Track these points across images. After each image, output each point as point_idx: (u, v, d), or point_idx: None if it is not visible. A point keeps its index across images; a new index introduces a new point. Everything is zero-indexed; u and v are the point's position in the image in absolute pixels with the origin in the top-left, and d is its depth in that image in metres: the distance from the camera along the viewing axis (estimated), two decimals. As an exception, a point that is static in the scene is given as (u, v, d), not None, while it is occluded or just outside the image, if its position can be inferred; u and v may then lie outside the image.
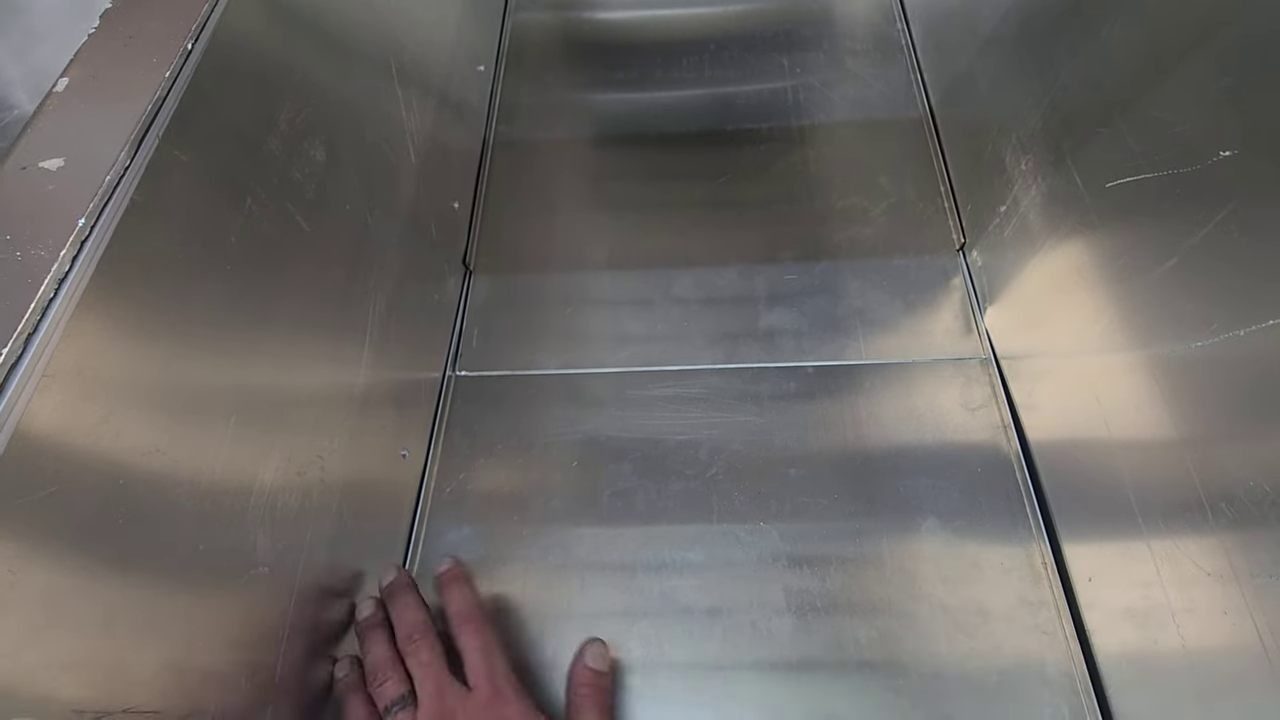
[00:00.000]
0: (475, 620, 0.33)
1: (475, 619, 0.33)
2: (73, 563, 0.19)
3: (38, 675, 0.18)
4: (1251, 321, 0.25)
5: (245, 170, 0.25)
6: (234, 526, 0.25)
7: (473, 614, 0.33)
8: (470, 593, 0.34)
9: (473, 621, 0.33)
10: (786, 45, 0.59)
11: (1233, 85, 0.26)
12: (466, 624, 0.33)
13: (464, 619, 0.33)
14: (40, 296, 0.17)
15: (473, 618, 0.33)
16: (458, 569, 0.36)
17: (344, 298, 0.33)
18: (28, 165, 0.19)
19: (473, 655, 0.31)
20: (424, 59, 0.45)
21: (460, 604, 0.33)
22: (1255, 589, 0.25)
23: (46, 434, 0.18)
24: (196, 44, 0.21)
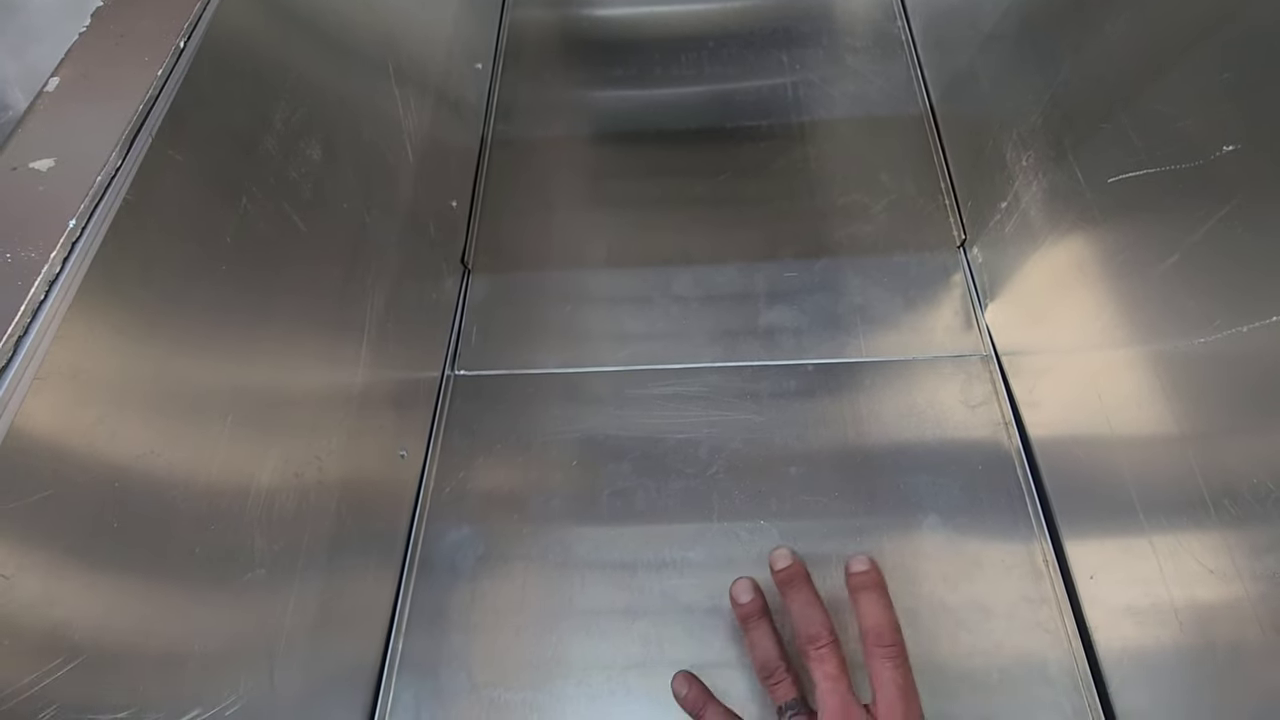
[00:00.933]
0: (896, 646, 0.29)
1: (896, 645, 0.29)
2: (69, 566, 0.19)
3: (35, 677, 0.18)
4: (1254, 318, 0.25)
5: (240, 169, 0.25)
6: (231, 528, 0.25)
7: (894, 638, 0.30)
8: (889, 609, 0.31)
9: (895, 647, 0.29)
10: (786, 41, 0.59)
11: (1235, 80, 0.25)
12: (886, 649, 0.29)
13: (882, 641, 0.30)
14: (31, 298, 0.17)
15: (895, 643, 0.30)
16: (874, 573, 0.31)
17: (341, 297, 0.33)
18: (18, 166, 0.19)
19: (890, 688, 0.28)
20: (421, 57, 0.45)
21: (877, 622, 0.30)
22: (1257, 586, 0.25)
23: (40, 437, 0.18)
24: (189, 42, 0.21)
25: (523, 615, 0.38)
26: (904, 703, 0.28)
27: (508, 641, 0.37)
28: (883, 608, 0.31)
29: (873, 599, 0.31)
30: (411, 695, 0.36)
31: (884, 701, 0.28)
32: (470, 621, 0.38)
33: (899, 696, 0.28)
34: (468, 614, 0.38)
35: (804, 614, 0.31)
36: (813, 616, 0.30)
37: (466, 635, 0.38)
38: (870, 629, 0.30)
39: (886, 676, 0.29)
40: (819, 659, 0.29)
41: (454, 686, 0.36)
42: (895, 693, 0.28)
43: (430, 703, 0.36)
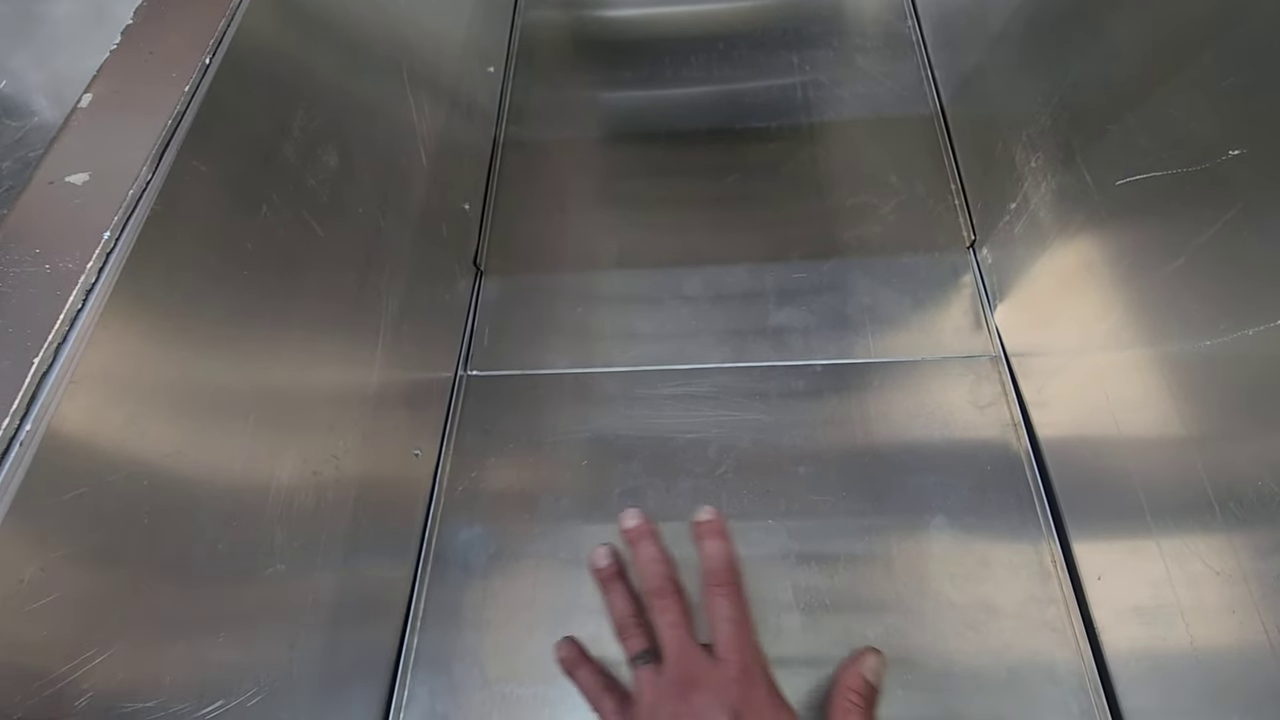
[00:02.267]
0: (732, 585, 0.30)
1: (732, 584, 0.31)
2: (100, 561, 0.20)
3: (65, 671, 0.19)
4: (1260, 321, 0.25)
5: (261, 178, 0.26)
6: (252, 525, 0.26)
7: (730, 577, 0.31)
8: (729, 552, 0.32)
9: (730, 586, 0.30)
10: (796, 42, 0.59)
11: (1243, 83, 0.26)
12: (721, 587, 0.30)
13: (717, 580, 0.31)
14: (69, 307, 0.18)
15: (730, 581, 0.31)
16: (719, 522, 0.33)
17: (357, 300, 0.34)
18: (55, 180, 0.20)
19: (724, 625, 0.29)
20: (434, 61, 0.45)
21: (716, 562, 0.31)
22: (1263, 588, 0.25)
23: (75, 437, 0.19)
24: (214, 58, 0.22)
25: (534, 612, 0.38)
26: (738, 637, 0.29)
27: (520, 637, 0.38)
28: (719, 550, 0.31)
29: (711, 544, 0.32)
30: (426, 690, 0.37)
31: (719, 637, 0.29)
32: (483, 618, 0.39)
33: (733, 631, 0.29)
34: (481, 610, 0.39)
35: (647, 569, 0.32)
36: (655, 570, 0.31)
37: (479, 631, 0.38)
38: (706, 571, 0.31)
39: (721, 613, 0.30)
40: (661, 609, 0.30)
41: (467, 681, 0.37)
42: (729, 628, 0.29)
43: (444, 697, 0.37)
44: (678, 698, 0.28)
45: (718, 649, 0.29)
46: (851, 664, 0.32)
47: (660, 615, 0.30)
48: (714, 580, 0.31)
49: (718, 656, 0.29)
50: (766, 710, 0.28)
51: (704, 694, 0.27)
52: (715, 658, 0.29)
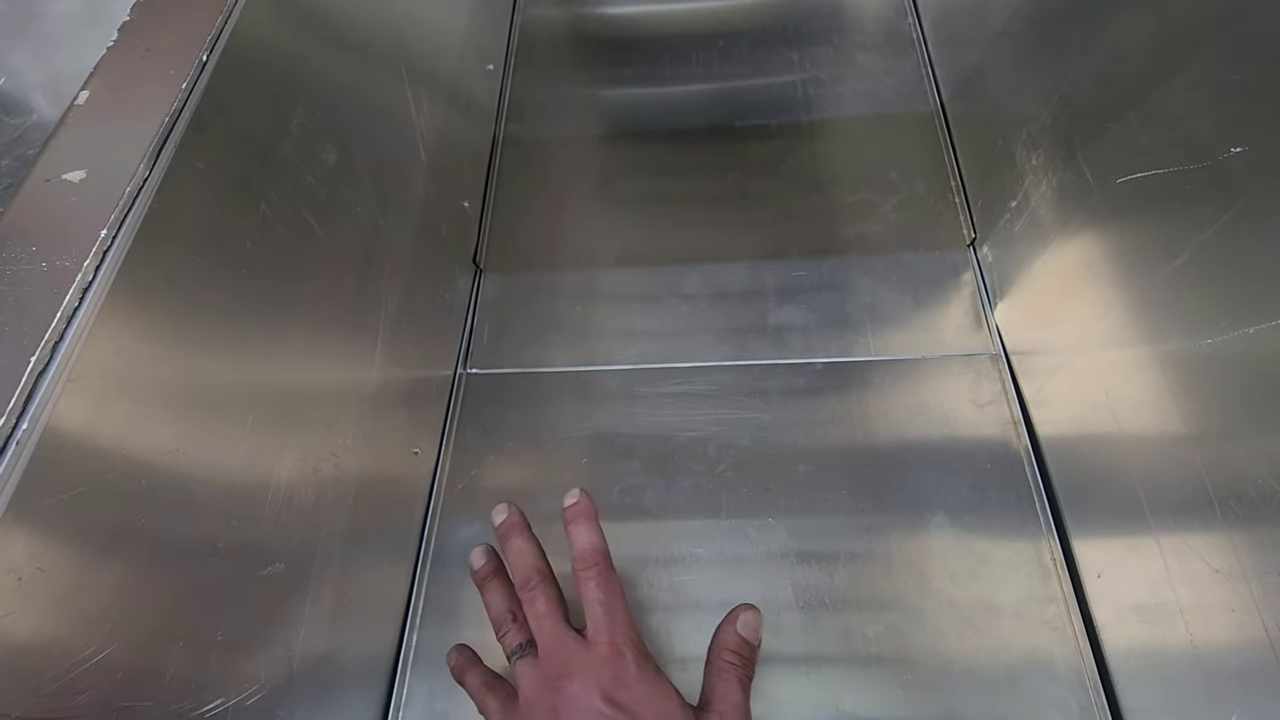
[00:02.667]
0: (600, 567, 0.30)
1: (600, 565, 0.30)
2: (99, 560, 0.20)
3: (65, 667, 0.19)
4: (1261, 319, 0.25)
5: (259, 176, 0.26)
6: (252, 523, 0.26)
7: (597, 559, 0.30)
8: (596, 534, 0.31)
9: (597, 568, 0.30)
10: (796, 40, 0.59)
11: (1244, 81, 0.25)
12: (590, 569, 0.30)
13: (588, 564, 0.30)
14: (66, 305, 0.18)
15: (597, 563, 0.30)
16: (585, 505, 0.32)
17: (356, 298, 0.34)
18: (51, 178, 0.19)
19: (594, 608, 0.29)
20: (433, 58, 0.45)
21: (583, 546, 0.31)
22: (1263, 586, 0.25)
23: (73, 436, 0.19)
24: (211, 55, 0.22)
25: (534, 610, 0.38)
26: (608, 617, 0.29)
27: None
28: (587, 533, 0.31)
29: (579, 527, 0.31)
30: (426, 688, 0.37)
31: (590, 619, 0.29)
32: (483, 616, 0.38)
33: (603, 613, 0.29)
34: (480, 609, 0.39)
35: (517, 562, 0.31)
36: (523, 563, 0.31)
37: (479, 629, 0.38)
38: (576, 554, 0.31)
39: (590, 596, 0.29)
40: (530, 600, 0.30)
41: (467, 679, 0.37)
42: (599, 609, 0.29)
43: (444, 695, 0.37)
44: (552, 690, 0.28)
45: (589, 631, 0.29)
46: (727, 622, 0.31)
47: (530, 606, 0.30)
48: (582, 564, 0.30)
49: (590, 639, 0.29)
50: (638, 686, 0.27)
51: (576, 680, 0.27)
52: (587, 641, 0.29)
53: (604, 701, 0.26)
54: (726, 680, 0.29)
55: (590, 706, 0.26)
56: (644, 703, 0.27)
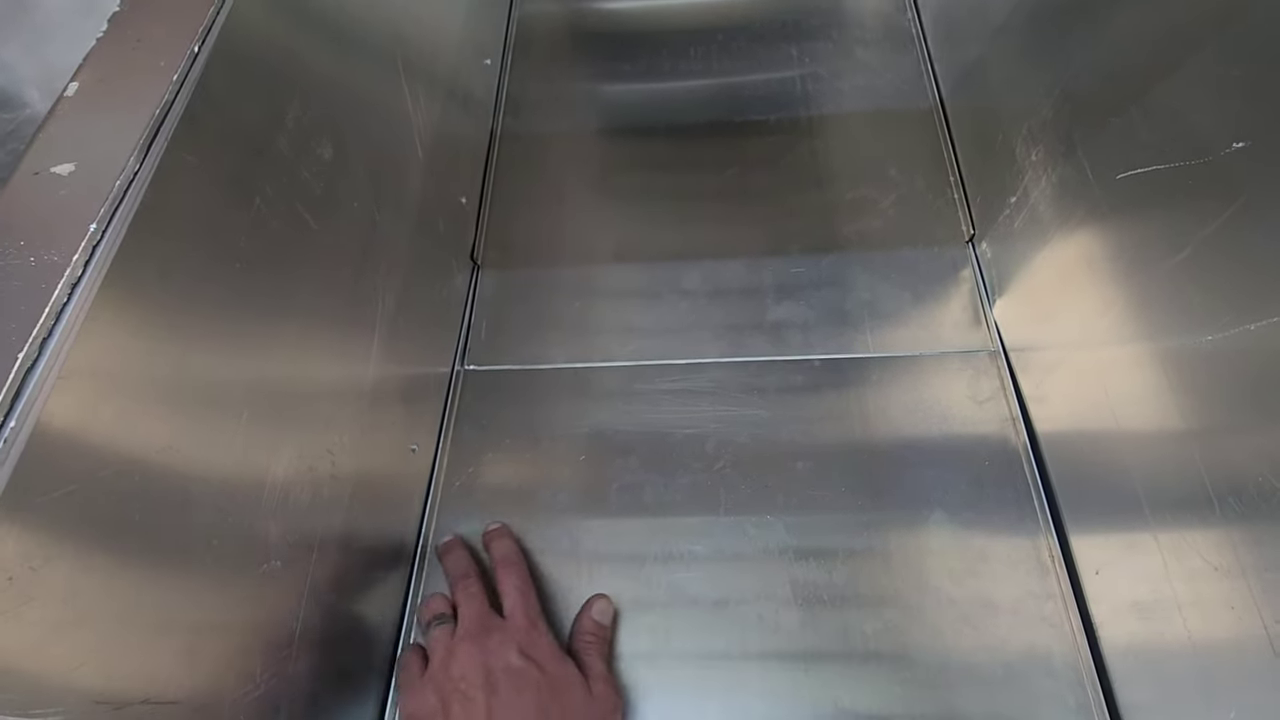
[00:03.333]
0: (516, 564, 0.37)
1: (516, 563, 0.37)
2: (92, 558, 0.20)
3: (60, 668, 0.19)
4: (1262, 316, 0.25)
5: (254, 171, 0.25)
6: (247, 521, 0.26)
7: (514, 559, 0.37)
8: (512, 543, 0.38)
9: (513, 565, 0.37)
10: (795, 35, 0.59)
11: (1246, 75, 0.25)
12: (508, 567, 0.37)
13: (506, 563, 0.37)
14: (54, 301, 0.17)
15: (513, 562, 0.37)
16: (504, 528, 0.40)
17: (353, 294, 0.34)
18: (40, 170, 0.19)
19: (512, 593, 0.35)
20: (430, 53, 0.45)
21: (503, 551, 0.38)
22: (1262, 584, 0.25)
23: (64, 434, 0.18)
24: (203, 46, 0.22)
25: (532, 607, 0.38)
26: (524, 601, 0.35)
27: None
28: (507, 543, 0.38)
29: (501, 540, 0.38)
30: (423, 684, 0.37)
31: (508, 602, 0.35)
32: (480, 613, 0.39)
33: (519, 598, 0.35)
34: (478, 605, 0.39)
35: (455, 564, 0.38)
36: (460, 564, 0.37)
37: (476, 626, 0.38)
38: (498, 558, 0.37)
39: (509, 585, 0.36)
40: (464, 587, 0.36)
41: (464, 676, 0.37)
42: (516, 595, 0.35)
43: (441, 692, 0.37)
44: (471, 639, 0.33)
45: (507, 611, 0.35)
46: (583, 610, 0.37)
47: (462, 592, 0.36)
48: (503, 563, 0.37)
49: (507, 616, 0.34)
50: (547, 650, 0.33)
51: (495, 635, 0.33)
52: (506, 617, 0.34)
53: (518, 654, 0.32)
54: (588, 654, 0.34)
55: (506, 655, 0.32)
56: (550, 661, 0.32)
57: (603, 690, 0.33)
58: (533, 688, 0.31)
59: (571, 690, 0.32)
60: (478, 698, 0.30)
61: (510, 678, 0.31)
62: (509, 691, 0.30)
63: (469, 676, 0.31)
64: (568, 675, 0.32)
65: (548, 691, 0.31)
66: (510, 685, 0.30)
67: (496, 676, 0.31)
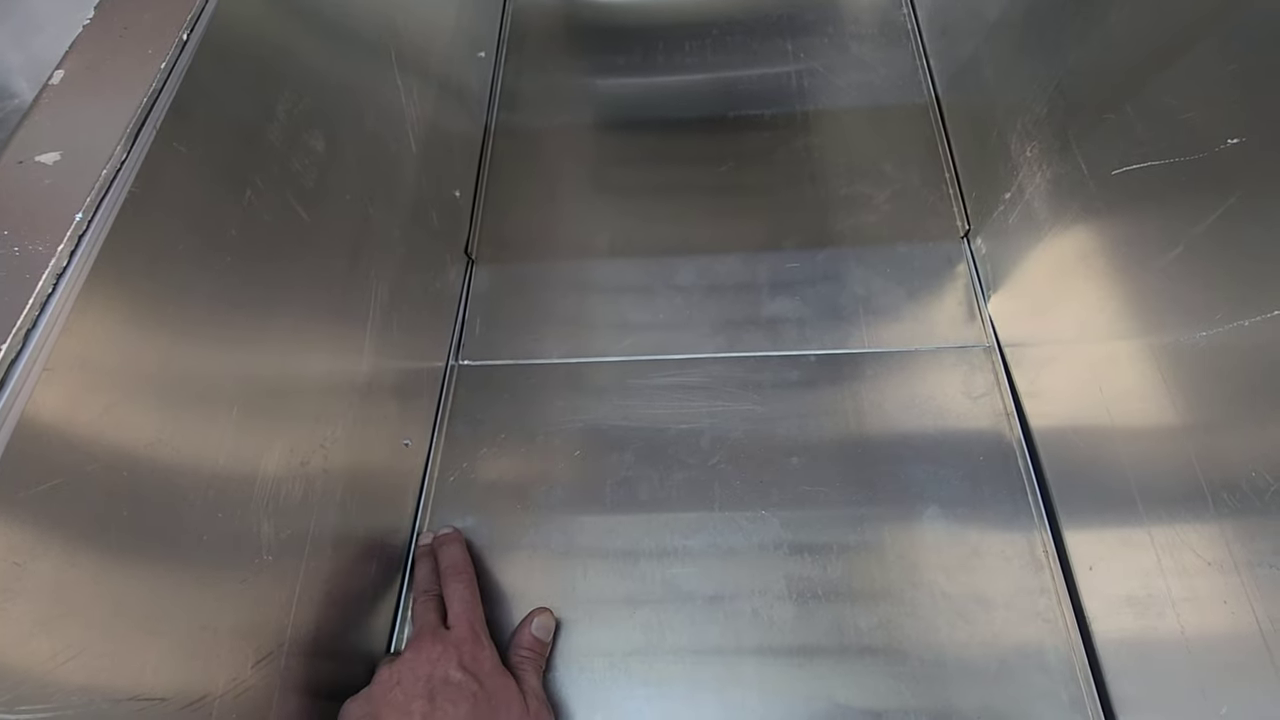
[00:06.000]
0: (462, 572, 0.37)
1: (464, 572, 0.37)
2: (79, 553, 0.19)
3: (47, 664, 0.18)
4: (1256, 311, 0.25)
5: (244, 161, 0.25)
6: (238, 516, 0.26)
7: (462, 568, 0.37)
8: (461, 551, 0.38)
9: (460, 574, 0.37)
10: (790, 30, 0.58)
11: (1240, 71, 0.25)
12: (454, 575, 0.37)
13: (454, 571, 0.37)
14: (39, 291, 0.17)
15: (460, 570, 0.37)
16: (455, 533, 0.40)
17: (346, 288, 0.33)
18: (24, 159, 0.19)
19: (456, 603, 0.35)
20: (424, 45, 0.44)
21: (449, 559, 0.38)
22: (1255, 579, 0.25)
23: (50, 427, 0.18)
24: (192, 34, 0.21)
25: (526, 603, 0.38)
26: (468, 611, 0.35)
27: (512, 629, 0.37)
28: (456, 551, 0.38)
29: (448, 548, 0.38)
30: (416, 680, 0.37)
31: (453, 610, 0.35)
32: (474, 609, 0.38)
33: (464, 608, 0.35)
34: (472, 601, 0.39)
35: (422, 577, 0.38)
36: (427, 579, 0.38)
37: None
38: (445, 566, 0.37)
39: (455, 594, 0.36)
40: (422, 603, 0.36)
41: (458, 672, 0.37)
42: (460, 606, 0.35)
43: (435, 688, 0.36)
44: (414, 649, 0.33)
45: (451, 619, 0.35)
46: (523, 623, 0.37)
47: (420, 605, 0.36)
48: (451, 571, 0.37)
49: (451, 624, 0.35)
50: (487, 662, 0.33)
51: (438, 645, 0.33)
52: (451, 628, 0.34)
53: (458, 667, 0.32)
54: (524, 670, 0.35)
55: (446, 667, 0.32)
56: (489, 676, 0.32)
57: (537, 707, 0.33)
58: (469, 700, 0.31)
59: (510, 705, 0.32)
60: (414, 709, 0.30)
61: (448, 690, 0.31)
62: (446, 703, 0.30)
63: (407, 687, 0.31)
64: (506, 689, 0.32)
65: (485, 705, 0.31)
66: (447, 697, 0.31)
67: (435, 687, 0.31)
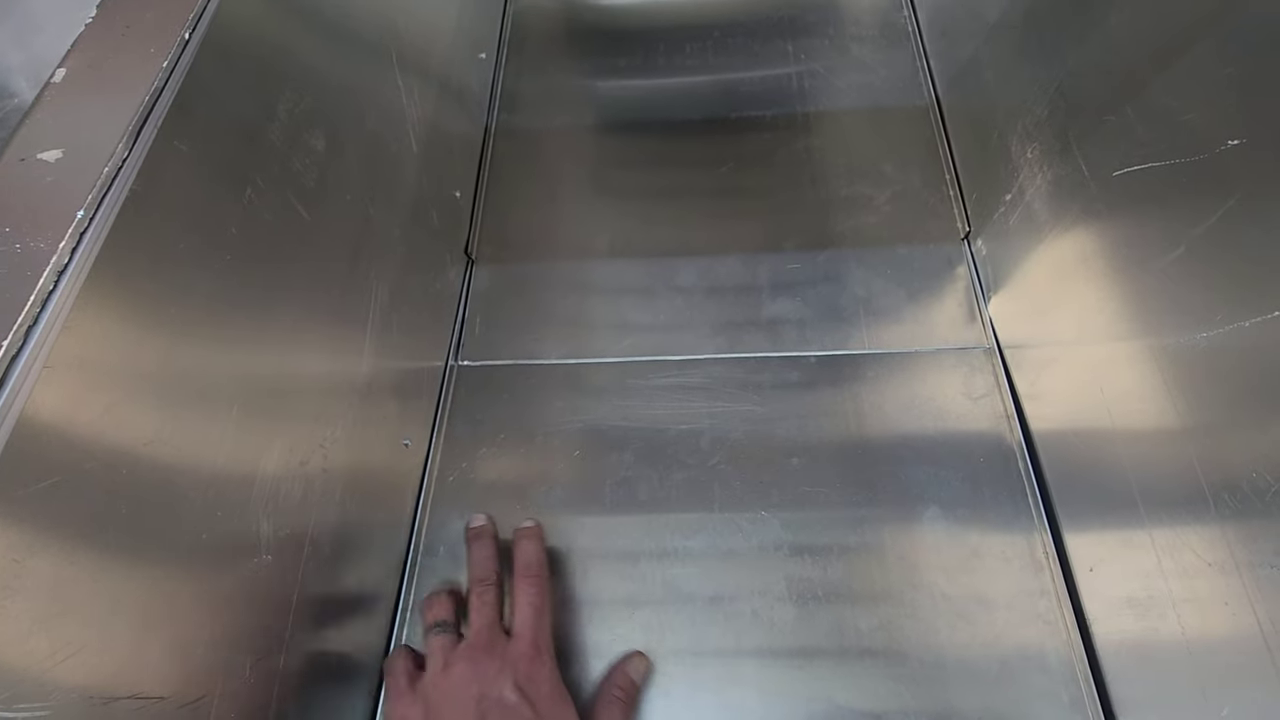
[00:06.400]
0: (537, 578, 0.35)
1: (538, 577, 0.35)
2: (78, 552, 0.19)
3: (45, 662, 0.18)
4: (1257, 313, 0.25)
5: (245, 160, 0.25)
6: (238, 515, 0.26)
7: (537, 571, 0.35)
8: (539, 551, 0.36)
9: (535, 579, 0.35)
10: (791, 31, 0.58)
11: (1241, 73, 0.25)
12: (528, 579, 0.35)
13: (526, 574, 0.35)
14: (40, 288, 0.17)
15: (536, 575, 0.35)
16: (536, 527, 0.38)
17: (346, 287, 0.33)
18: (26, 156, 0.19)
19: (525, 610, 0.33)
20: (425, 46, 0.44)
21: (528, 558, 0.35)
22: (1256, 580, 0.25)
23: (50, 425, 0.18)
24: (194, 33, 0.21)
25: (525, 603, 0.38)
26: (536, 621, 0.33)
27: (510, 629, 0.37)
28: (533, 549, 0.36)
29: (529, 543, 0.36)
30: (415, 681, 0.37)
31: (519, 617, 0.33)
32: (473, 609, 0.38)
33: (533, 615, 0.33)
34: (471, 602, 0.38)
35: (479, 563, 0.36)
36: (485, 565, 0.36)
37: (470, 623, 0.38)
38: (520, 565, 0.35)
39: (524, 598, 0.34)
40: (479, 594, 0.34)
41: (457, 673, 0.37)
42: (530, 611, 0.33)
43: (434, 689, 0.36)
44: (469, 660, 0.31)
45: (515, 627, 0.33)
46: (620, 664, 0.35)
47: (478, 598, 0.34)
48: (524, 571, 0.35)
49: (515, 634, 0.33)
50: (545, 686, 0.31)
51: (495, 661, 0.31)
52: (513, 637, 0.32)
53: (513, 689, 0.30)
54: (612, 709, 0.33)
55: (501, 686, 0.30)
56: (547, 700, 0.30)
57: None
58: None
59: None
60: None
61: (501, 713, 0.29)
62: None
63: (458, 706, 0.30)
64: (562, 717, 0.30)
65: None
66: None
67: (487, 709, 0.29)
